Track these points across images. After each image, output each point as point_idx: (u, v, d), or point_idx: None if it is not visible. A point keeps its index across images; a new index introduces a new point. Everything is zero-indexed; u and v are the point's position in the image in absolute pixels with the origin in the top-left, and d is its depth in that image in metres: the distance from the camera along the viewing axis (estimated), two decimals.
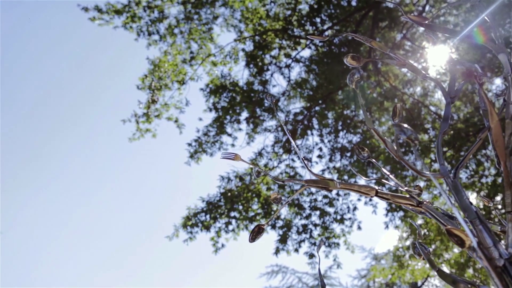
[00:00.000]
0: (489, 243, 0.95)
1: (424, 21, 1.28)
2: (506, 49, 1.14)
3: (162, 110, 10.37)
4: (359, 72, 1.23)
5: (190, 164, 10.01)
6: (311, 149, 10.17)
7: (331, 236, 9.72)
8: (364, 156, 1.27)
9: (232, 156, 1.41)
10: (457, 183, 1.08)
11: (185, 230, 9.36)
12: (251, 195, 9.56)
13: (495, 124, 0.96)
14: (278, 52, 10.44)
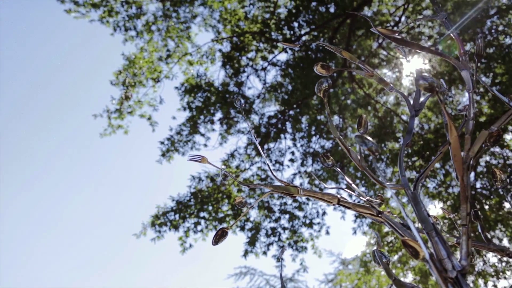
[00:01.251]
0: (443, 254, 0.98)
1: (393, 35, 1.30)
2: (469, 66, 1.17)
3: (135, 107, 10.28)
4: (327, 81, 1.25)
5: (161, 162, 9.95)
6: (284, 153, 10.22)
7: (299, 240, 9.77)
8: (328, 164, 1.29)
9: (199, 158, 1.41)
10: (416, 195, 1.10)
11: (153, 228, 9.29)
12: (222, 196, 9.55)
13: (454, 139, 0.98)
14: (255, 55, 10.46)
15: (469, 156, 1.04)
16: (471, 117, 1.10)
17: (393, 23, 10.47)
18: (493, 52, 9.01)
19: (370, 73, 1.36)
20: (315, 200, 10.37)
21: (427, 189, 9.78)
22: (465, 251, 0.98)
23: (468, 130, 1.10)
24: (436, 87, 0.89)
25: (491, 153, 9.41)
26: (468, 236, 1.00)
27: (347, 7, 9.53)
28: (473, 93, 1.15)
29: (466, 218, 1.01)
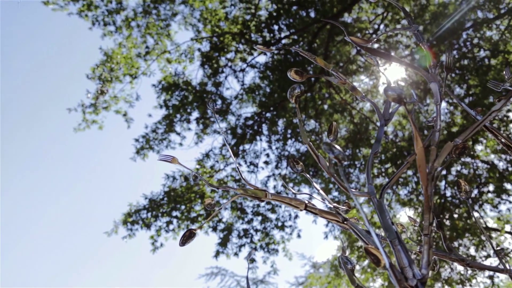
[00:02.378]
0: (405, 263, 1.00)
1: (366, 44, 1.32)
2: (438, 78, 1.19)
3: (111, 103, 10.17)
4: (300, 87, 1.25)
5: (135, 160, 9.86)
6: (259, 155, 10.23)
7: (270, 242, 9.80)
8: (298, 169, 1.30)
9: (169, 159, 1.40)
10: (382, 203, 1.11)
11: (124, 226, 9.20)
12: (195, 195, 9.51)
13: (419, 150, 1.00)
14: (234, 56, 10.46)
15: (434, 167, 1.06)
16: (438, 128, 1.12)
17: (372, 30, 10.60)
18: (467, 64, 9.20)
19: (342, 81, 1.37)
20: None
21: (398, 196, 9.92)
22: (426, 260, 1.00)
23: (435, 142, 1.12)
24: (404, 98, 0.91)
25: (462, 163, 9.60)
26: (430, 245, 1.02)
27: (327, 13, 9.61)
28: (440, 105, 1.17)
29: (429, 228, 1.03)
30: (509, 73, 1.41)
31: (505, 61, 8.87)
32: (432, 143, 1.13)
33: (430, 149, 1.12)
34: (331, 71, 1.39)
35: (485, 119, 1.09)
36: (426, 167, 1.04)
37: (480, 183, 9.51)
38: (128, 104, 10.27)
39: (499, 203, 9.46)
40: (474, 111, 1.34)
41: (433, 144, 1.12)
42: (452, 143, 1.08)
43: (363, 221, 1.33)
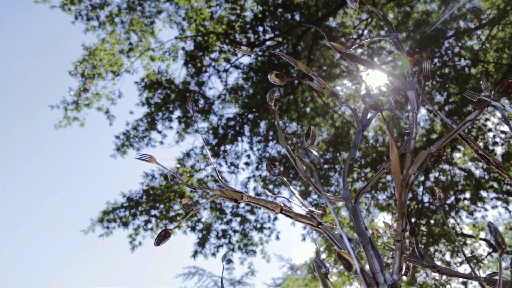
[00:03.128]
0: (377, 268, 1.01)
1: (346, 50, 1.33)
2: (415, 87, 1.21)
3: (93, 100, 10.08)
4: (279, 91, 1.26)
5: (116, 157, 9.78)
6: (240, 156, 10.23)
7: (249, 243, 9.80)
8: (275, 172, 1.30)
9: (147, 158, 1.39)
10: (356, 208, 1.12)
11: (102, 224, 9.11)
12: (174, 195, 9.46)
13: (394, 157, 1.01)
14: (218, 56, 10.44)
15: (409, 174, 1.07)
16: (413, 136, 1.13)
17: (356, 35, 10.68)
18: (448, 72, 9.32)
19: (322, 85, 1.38)
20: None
21: (377, 201, 10.00)
22: (397, 266, 1.01)
23: (410, 149, 1.13)
24: (381, 105, 0.92)
25: (440, 170, 9.72)
26: (402, 251, 1.03)
27: (312, 16, 9.65)
28: (417, 113, 1.19)
29: (401, 234, 1.04)
30: (485, 83, 1.44)
31: (485, 71, 9.01)
32: (407, 151, 1.14)
33: (406, 156, 1.13)
34: (312, 75, 1.39)
35: (460, 128, 1.11)
36: (401, 174, 1.05)
37: (457, 190, 9.64)
38: (110, 102, 10.19)
39: (474, 210, 9.61)
40: (450, 120, 1.36)
41: (408, 151, 1.13)
42: (427, 151, 1.10)
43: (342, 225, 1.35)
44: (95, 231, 9.18)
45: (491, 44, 9.22)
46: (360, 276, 0.91)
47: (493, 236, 1.04)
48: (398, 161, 1.03)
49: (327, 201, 0.97)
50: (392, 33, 1.30)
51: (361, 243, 1.05)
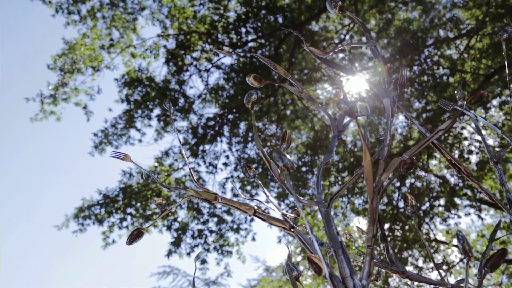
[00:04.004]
0: (346, 273, 1.02)
1: (323, 55, 1.34)
2: (391, 94, 1.22)
3: (71, 94, 9.95)
4: (256, 93, 1.26)
5: (93, 154, 9.68)
6: (218, 156, 10.21)
7: (225, 244, 9.78)
8: (250, 175, 1.30)
9: (122, 156, 1.39)
10: (329, 213, 1.13)
11: (76, 221, 9.00)
12: (151, 193, 9.40)
13: (367, 163, 1.02)
14: (200, 55, 10.40)
15: (381, 181, 1.08)
16: (387, 143, 1.14)
17: (338, 40, 10.76)
18: (427, 80, 9.45)
19: (300, 90, 1.39)
20: None
21: (353, 205, 10.09)
22: (366, 271, 1.02)
23: (383, 156, 1.15)
24: (356, 112, 0.93)
25: (416, 176, 9.84)
26: (372, 256, 1.04)
27: (294, 19, 9.69)
28: (391, 120, 1.20)
29: (371, 240, 1.05)
30: (460, 93, 1.46)
31: (462, 80, 9.17)
32: (380, 157, 1.15)
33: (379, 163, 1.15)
34: (289, 79, 1.40)
35: (432, 137, 1.12)
36: (373, 180, 1.06)
37: (432, 196, 9.77)
38: (89, 97, 10.09)
39: (448, 217, 9.75)
40: (424, 128, 1.38)
41: (381, 158, 1.15)
42: (400, 159, 1.11)
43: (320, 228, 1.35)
44: (68, 227, 9.07)
45: (469, 54, 9.38)
46: (329, 281, 0.92)
47: (460, 244, 1.06)
48: (371, 168, 1.04)
49: (298, 204, 0.98)
50: (370, 41, 1.31)
51: (332, 248, 1.06)
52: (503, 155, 1.31)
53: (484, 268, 0.99)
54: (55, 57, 9.78)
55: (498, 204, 1.28)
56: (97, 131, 9.71)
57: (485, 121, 1.29)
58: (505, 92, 9.22)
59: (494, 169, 1.34)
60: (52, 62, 9.77)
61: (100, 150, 9.69)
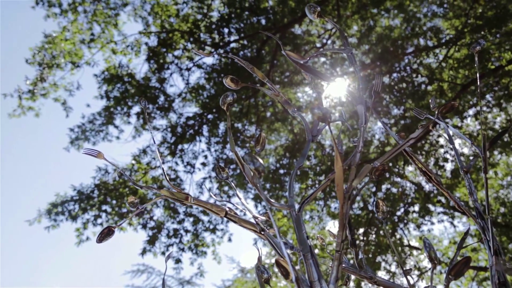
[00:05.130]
0: (315, 277, 1.02)
1: (301, 60, 1.35)
2: (365, 101, 1.24)
3: (50, 90, 9.81)
4: (232, 95, 1.26)
5: (69, 150, 9.56)
6: (197, 155, 10.17)
7: (200, 244, 9.75)
8: (223, 176, 1.31)
9: (95, 153, 1.38)
10: (299, 217, 1.14)
11: (49, 217, 8.87)
12: (127, 191, 9.32)
13: (338, 169, 1.03)
14: (181, 54, 10.35)
15: (352, 187, 1.10)
16: (359, 149, 1.16)
17: (320, 44, 10.83)
18: (405, 88, 9.57)
19: (276, 93, 1.39)
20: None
21: (329, 209, 10.15)
22: (334, 276, 1.03)
23: (355, 162, 1.16)
24: (329, 117, 0.94)
25: (392, 182, 9.95)
26: (340, 261, 1.05)
27: (277, 22, 9.72)
28: (365, 127, 1.21)
29: (341, 245, 1.06)
30: (433, 102, 1.48)
31: (440, 89, 9.30)
32: (352, 163, 1.17)
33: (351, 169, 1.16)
34: (266, 82, 1.41)
35: (404, 145, 1.14)
36: (344, 186, 1.08)
37: (406, 202, 9.90)
38: (68, 93, 9.95)
39: (422, 223, 9.89)
40: (398, 136, 1.40)
41: (353, 164, 1.16)
42: (371, 165, 1.13)
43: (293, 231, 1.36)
44: (41, 223, 8.94)
45: (447, 64, 9.53)
46: (295, 285, 0.93)
47: (427, 251, 1.08)
48: (342, 173, 1.05)
49: (268, 208, 0.99)
50: (346, 48, 1.33)
51: (301, 252, 1.07)
52: (473, 165, 1.34)
53: (449, 275, 1.01)
54: (34, 50, 9.63)
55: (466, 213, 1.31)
56: (74, 127, 9.60)
57: (455, 131, 1.32)
58: (480, 102, 9.40)
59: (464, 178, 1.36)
60: (30, 56, 9.63)
61: (77, 146, 9.57)
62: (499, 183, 10.70)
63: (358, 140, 1.22)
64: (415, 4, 9.43)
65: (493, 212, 10.27)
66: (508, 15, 8.03)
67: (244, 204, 1.21)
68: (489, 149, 6.78)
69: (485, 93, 9.30)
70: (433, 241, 11.36)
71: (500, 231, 9.87)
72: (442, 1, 9.52)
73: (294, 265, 0.94)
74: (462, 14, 9.27)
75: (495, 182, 10.71)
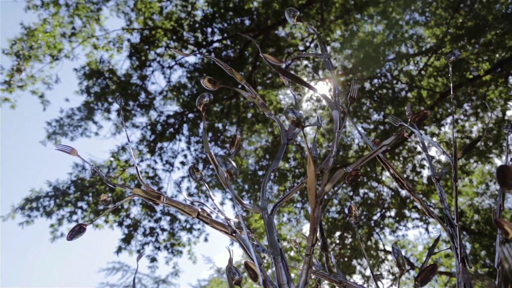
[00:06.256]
0: (284, 280, 1.03)
1: (279, 64, 1.35)
2: (340, 107, 1.25)
3: (27, 82, 9.66)
4: (209, 96, 1.26)
5: (45, 144, 9.43)
6: (176, 154, 10.12)
7: (176, 243, 9.70)
8: (196, 177, 1.30)
9: (68, 150, 1.36)
10: (271, 220, 1.14)
11: (23, 212, 8.73)
12: (104, 188, 9.23)
13: (310, 173, 1.04)
14: (164, 51, 10.29)
15: (324, 191, 1.10)
16: (333, 154, 1.16)
17: (303, 47, 10.87)
18: (385, 93, 9.66)
19: (253, 96, 1.40)
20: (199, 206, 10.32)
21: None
22: (303, 279, 1.03)
23: (328, 167, 1.17)
24: (303, 122, 0.94)
25: (369, 187, 10.04)
26: (309, 265, 1.06)
27: (261, 24, 9.73)
28: (340, 132, 1.22)
29: (310, 249, 1.07)
30: (409, 110, 1.50)
31: (419, 96, 9.42)
32: (325, 168, 1.17)
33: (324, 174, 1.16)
34: (244, 84, 1.41)
35: (376, 151, 1.15)
36: (316, 190, 1.08)
37: (383, 207, 9.99)
38: (46, 86, 9.81)
39: (397, 229, 10.00)
40: (372, 141, 1.41)
41: (326, 169, 1.17)
42: (343, 170, 1.13)
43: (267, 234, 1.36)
44: (15, 219, 8.79)
45: (427, 71, 9.65)
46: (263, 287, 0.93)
47: (395, 257, 1.09)
48: (314, 178, 1.06)
49: (237, 208, 0.99)
50: (324, 53, 1.34)
51: (272, 254, 1.07)
52: (446, 173, 1.36)
53: (416, 281, 1.02)
54: (11, 41, 9.47)
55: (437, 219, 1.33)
56: (52, 121, 9.47)
57: (428, 138, 1.34)
58: (458, 111, 9.54)
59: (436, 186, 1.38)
60: (8, 47, 9.46)
61: (54, 140, 9.45)
62: (474, 191, 10.88)
63: (332, 145, 1.23)
64: (398, 11, 9.52)
65: (467, 219, 10.44)
66: (487, 26, 8.17)
67: (216, 205, 1.21)
68: (465, 158, 6.87)
69: (462, 102, 9.45)
70: (408, 246, 11.49)
71: (473, 238, 10.03)
72: (424, 9, 9.63)
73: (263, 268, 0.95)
74: (443, 23, 9.39)
75: (470, 190, 10.88)
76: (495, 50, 8.72)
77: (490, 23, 8.16)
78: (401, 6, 9.23)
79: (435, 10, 9.53)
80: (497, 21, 8.11)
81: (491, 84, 9.12)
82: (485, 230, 10.00)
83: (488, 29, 8.23)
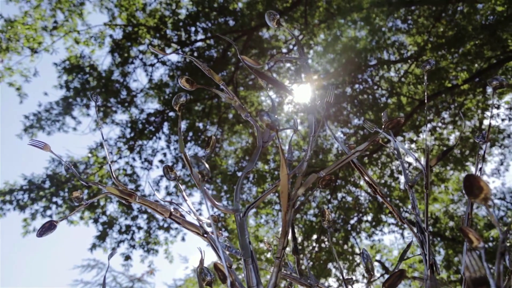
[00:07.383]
0: (253, 282, 1.03)
1: (257, 66, 1.36)
2: (316, 111, 1.25)
3: (5, 74, 9.50)
4: (186, 96, 1.26)
5: (22, 137, 9.28)
6: (155, 153, 10.05)
7: (152, 242, 9.63)
8: (171, 176, 1.30)
9: (41, 145, 1.35)
10: (243, 222, 1.14)
11: None
12: (81, 184, 9.12)
13: (283, 177, 1.04)
14: (146, 49, 10.21)
15: (296, 195, 1.11)
16: (307, 158, 1.17)
17: (286, 50, 10.91)
18: (366, 99, 9.75)
19: (230, 97, 1.40)
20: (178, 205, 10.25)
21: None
22: (273, 282, 1.04)
23: (301, 171, 1.17)
24: (278, 125, 0.94)
25: (347, 191, 10.11)
26: (279, 268, 1.06)
27: (245, 25, 9.73)
28: (315, 137, 1.23)
29: (281, 252, 1.07)
30: (385, 116, 1.52)
31: (399, 102, 9.53)
32: (298, 172, 1.18)
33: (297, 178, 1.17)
34: (221, 85, 1.41)
35: (350, 157, 1.16)
36: (288, 194, 1.09)
37: (360, 211, 10.07)
38: (24, 79, 9.66)
39: (373, 233, 10.09)
40: (347, 147, 1.42)
41: (300, 173, 1.17)
42: (316, 175, 1.14)
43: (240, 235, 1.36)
44: None
45: (407, 79, 9.77)
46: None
47: (364, 263, 1.10)
48: (287, 181, 1.07)
49: (208, 209, 0.99)
50: (302, 57, 1.34)
51: (242, 256, 1.07)
52: (417, 180, 1.37)
53: (383, 287, 1.03)
54: None
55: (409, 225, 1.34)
56: (29, 114, 9.34)
57: (401, 145, 1.35)
58: (436, 119, 9.67)
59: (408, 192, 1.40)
60: None
61: (31, 134, 9.31)
62: (449, 198, 11.03)
63: (307, 149, 1.23)
64: (381, 17, 9.62)
65: (441, 226, 10.58)
66: (466, 36, 8.30)
67: (189, 206, 1.21)
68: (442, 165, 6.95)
69: (441, 110, 9.59)
70: (384, 251, 11.60)
71: (447, 244, 10.17)
72: (407, 17, 9.75)
73: (232, 270, 0.95)
74: (424, 31, 9.52)
75: (446, 197, 11.03)
76: (474, 60, 8.87)
77: (470, 34, 8.30)
78: (385, 12, 9.32)
79: (417, 18, 9.66)
80: (477, 32, 8.25)
81: (469, 94, 9.27)
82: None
83: (468, 39, 8.37)
